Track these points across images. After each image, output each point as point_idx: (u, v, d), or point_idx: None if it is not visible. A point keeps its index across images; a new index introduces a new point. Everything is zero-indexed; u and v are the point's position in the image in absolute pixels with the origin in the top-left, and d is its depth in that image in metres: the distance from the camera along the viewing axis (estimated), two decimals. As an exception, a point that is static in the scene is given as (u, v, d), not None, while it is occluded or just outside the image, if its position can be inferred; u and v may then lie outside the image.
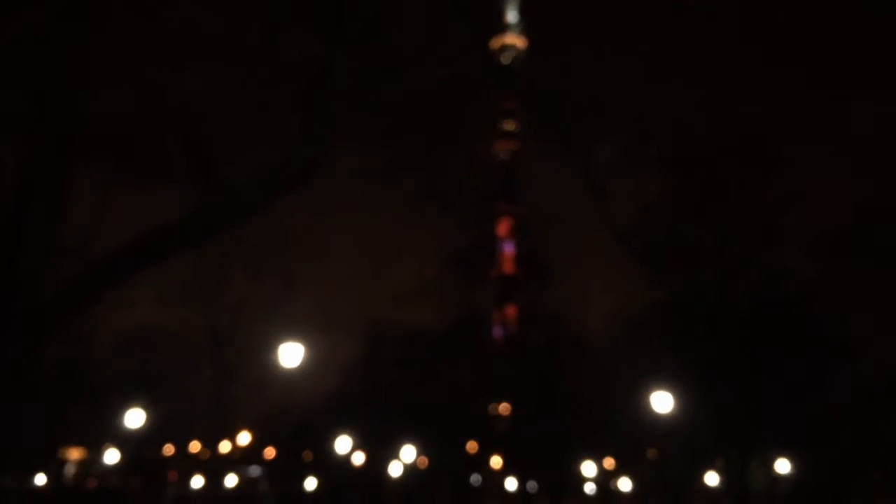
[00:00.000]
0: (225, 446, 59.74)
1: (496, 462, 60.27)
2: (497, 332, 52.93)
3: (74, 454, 58.96)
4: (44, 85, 10.55)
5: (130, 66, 13.39)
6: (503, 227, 54.54)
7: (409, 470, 58.56)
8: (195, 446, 63.58)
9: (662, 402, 38.94)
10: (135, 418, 42.45)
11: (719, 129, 41.62)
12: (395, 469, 58.38)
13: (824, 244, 40.86)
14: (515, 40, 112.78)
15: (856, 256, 40.12)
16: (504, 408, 52.43)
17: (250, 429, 59.47)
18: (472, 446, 56.28)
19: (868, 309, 40.99)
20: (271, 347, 40.46)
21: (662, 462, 48.54)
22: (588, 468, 58.54)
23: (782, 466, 46.68)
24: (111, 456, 51.74)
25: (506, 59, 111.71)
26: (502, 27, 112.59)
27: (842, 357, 41.89)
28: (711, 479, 55.37)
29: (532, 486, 58.25)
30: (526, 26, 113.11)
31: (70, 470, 58.53)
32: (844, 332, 42.21)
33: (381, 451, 56.83)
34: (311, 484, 66.28)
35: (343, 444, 52.25)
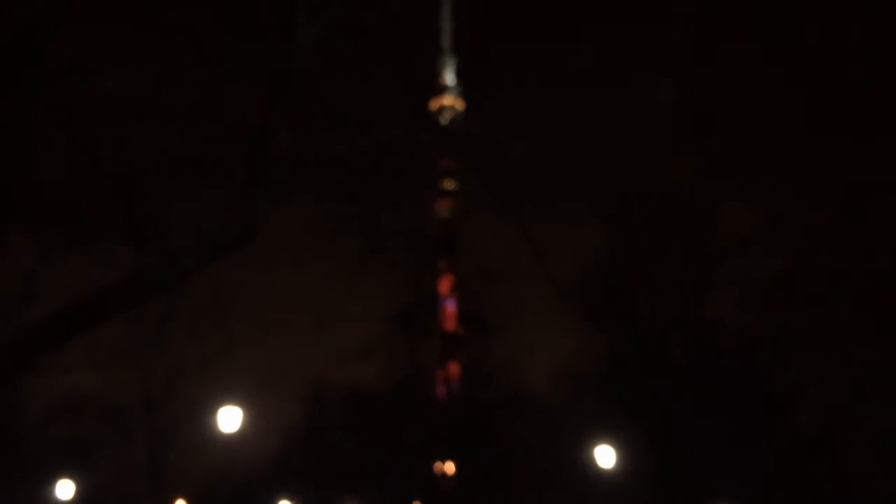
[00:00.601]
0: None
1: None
2: (441, 390, 52.68)
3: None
4: None
5: (65, 130, 12.89)
6: (445, 285, 54.78)
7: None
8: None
9: (605, 456, 39.26)
10: (65, 490, 40.98)
11: (656, 187, 43.15)
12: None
13: (758, 294, 42.15)
14: (453, 101, 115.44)
15: (789, 305, 41.45)
16: (449, 467, 51.96)
17: (187, 498, 57.55)
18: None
19: (803, 357, 42.26)
20: (209, 411, 39.62)
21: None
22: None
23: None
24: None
25: (444, 120, 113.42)
26: (440, 89, 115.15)
27: (780, 405, 42.85)
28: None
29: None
30: (463, 88, 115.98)
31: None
32: (780, 381, 43.31)
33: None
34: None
35: (285, 510, 50.96)
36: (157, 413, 48.44)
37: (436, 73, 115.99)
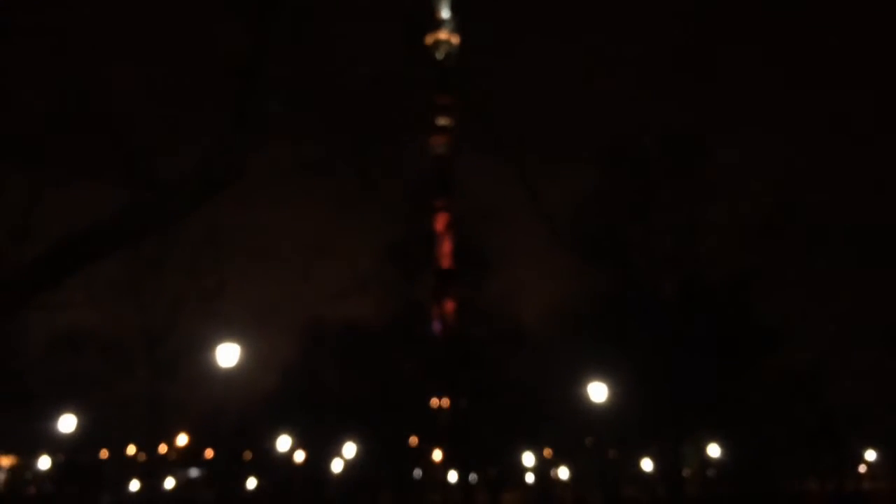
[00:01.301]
0: (162, 449, 58.90)
1: (437, 456, 60.79)
2: (436, 326, 53.22)
3: (5, 461, 57.51)
4: None
5: (55, 65, 13.10)
6: (440, 222, 54.85)
7: (351, 466, 58.62)
8: (131, 450, 62.54)
9: (598, 391, 39.97)
10: (68, 423, 41.69)
11: (649, 126, 42.94)
12: (336, 466, 58.33)
13: (750, 233, 42.37)
14: (449, 36, 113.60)
15: (778, 245, 41.71)
16: (444, 402, 52.85)
17: (188, 430, 58.78)
18: (413, 441, 56.62)
19: (793, 296, 42.68)
20: (208, 347, 40.12)
21: (599, 450, 49.64)
22: (527, 458, 59.51)
23: (713, 450, 48.25)
24: (44, 462, 50.66)
25: (440, 55, 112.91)
26: (436, 23, 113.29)
27: (769, 343, 43.36)
28: (647, 465, 56.91)
29: (473, 477, 58.90)
30: (459, 23, 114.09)
31: (1, 477, 57.04)
32: (772, 319, 43.75)
33: (321, 449, 56.73)
34: (251, 484, 65.77)
35: (283, 443, 52.03)
36: (156, 348, 48.94)
37: (431, 7, 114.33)
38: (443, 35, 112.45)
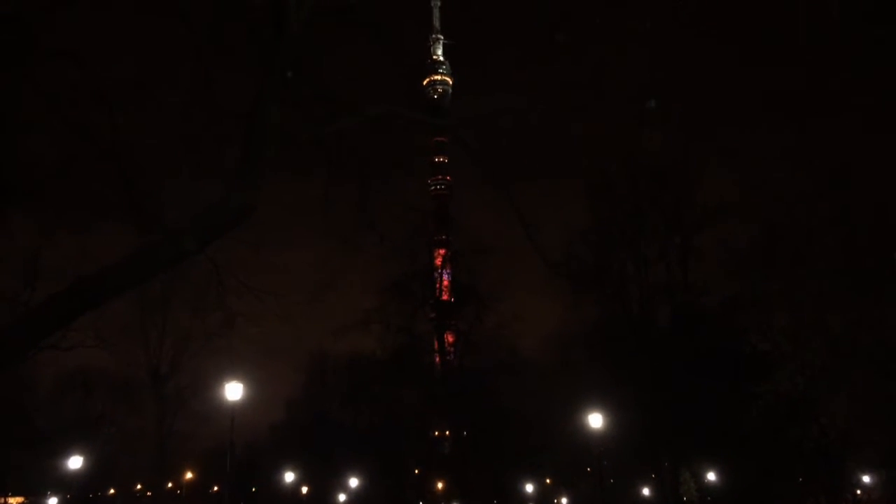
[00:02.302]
0: (169, 485, 59.30)
1: (439, 486, 61.10)
2: (437, 358, 54.06)
3: (13, 502, 57.86)
4: None
5: (64, 110, 13.34)
6: (439, 257, 55.92)
7: (354, 498, 58.92)
8: (139, 487, 62.98)
9: (596, 419, 40.72)
10: (75, 462, 42.25)
11: (637, 158, 44.13)
12: (340, 498, 58.60)
13: (739, 261, 43.21)
14: (444, 77, 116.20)
15: (767, 272, 42.47)
16: (446, 433, 53.46)
17: (194, 466, 59.30)
18: (415, 472, 57.06)
19: (782, 320, 43.33)
20: (214, 384, 41.00)
21: (599, 477, 50.08)
22: (528, 487, 59.84)
23: (711, 476, 48.64)
24: (52, 503, 51.04)
25: (436, 95, 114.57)
26: (432, 65, 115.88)
27: (763, 368, 43.92)
28: (646, 491, 57.18)
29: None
30: (453, 65, 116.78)
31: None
32: (764, 344, 44.36)
33: (326, 482, 57.11)
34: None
35: (288, 476, 52.52)
36: (163, 385, 49.74)
37: (426, 50, 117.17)
38: (438, 76, 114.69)
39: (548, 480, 63.01)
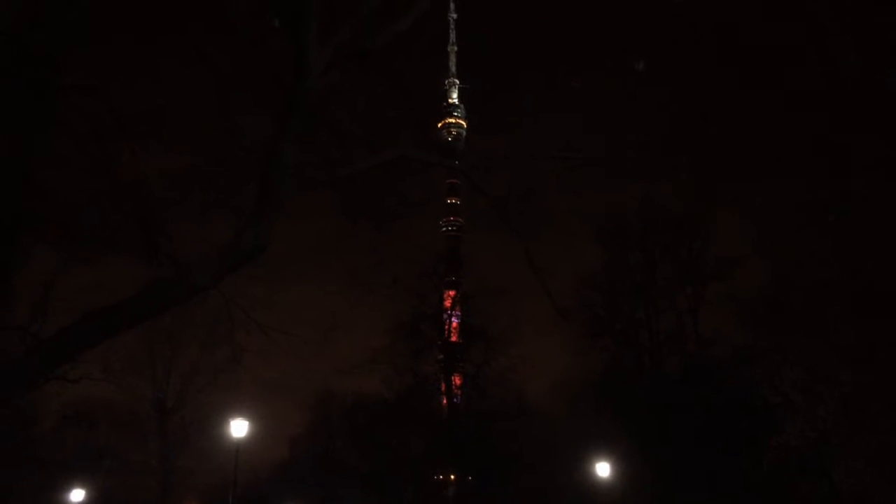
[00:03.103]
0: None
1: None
2: (444, 400, 53.75)
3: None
4: None
5: (82, 144, 13.54)
6: (448, 298, 55.97)
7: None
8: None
9: (604, 468, 40.28)
10: (78, 495, 42.00)
11: (649, 206, 44.27)
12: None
13: (749, 312, 42.99)
14: (459, 120, 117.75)
15: (779, 324, 42.19)
16: (451, 476, 52.88)
17: (196, 502, 58.59)
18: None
19: (794, 373, 42.91)
20: (219, 419, 40.83)
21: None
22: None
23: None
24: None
25: (450, 138, 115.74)
26: (448, 108, 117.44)
27: (772, 421, 43.40)
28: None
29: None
30: (468, 108, 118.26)
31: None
32: (774, 396, 43.90)
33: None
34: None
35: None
36: (168, 419, 49.53)
37: (441, 94, 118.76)
38: (452, 119, 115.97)
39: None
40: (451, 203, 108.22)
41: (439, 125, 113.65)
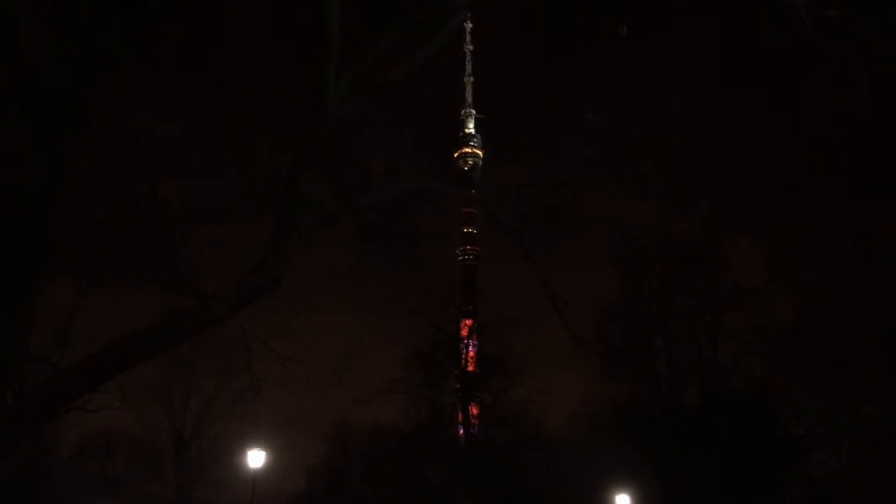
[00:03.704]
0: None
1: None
2: (461, 430, 53.41)
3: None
4: (17, 195, 10.81)
5: (104, 175, 13.77)
6: (465, 328, 55.87)
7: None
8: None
9: (624, 501, 39.79)
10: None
11: (667, 235, 44.17)
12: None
13: (770, 342, 42.61)
14: (475, 150, 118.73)
15: (800, 354, 41.80)
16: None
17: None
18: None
19: (816, 404, 42.46)
20: (236, 449, 40.77)
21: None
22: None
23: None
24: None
25: (466, 167, 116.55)
26: (464, 138, 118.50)
27: (795, 452, 42.86)
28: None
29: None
30: (484, 139, 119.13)
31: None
32: (798, 427, 43.37)
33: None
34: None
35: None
36: (185, 450, 49.50)
37: (458, 126, 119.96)
38: (469, 149, 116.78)
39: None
40: (468, 232, 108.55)
41: (455, 155, 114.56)
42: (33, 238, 10.66)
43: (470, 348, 54.12)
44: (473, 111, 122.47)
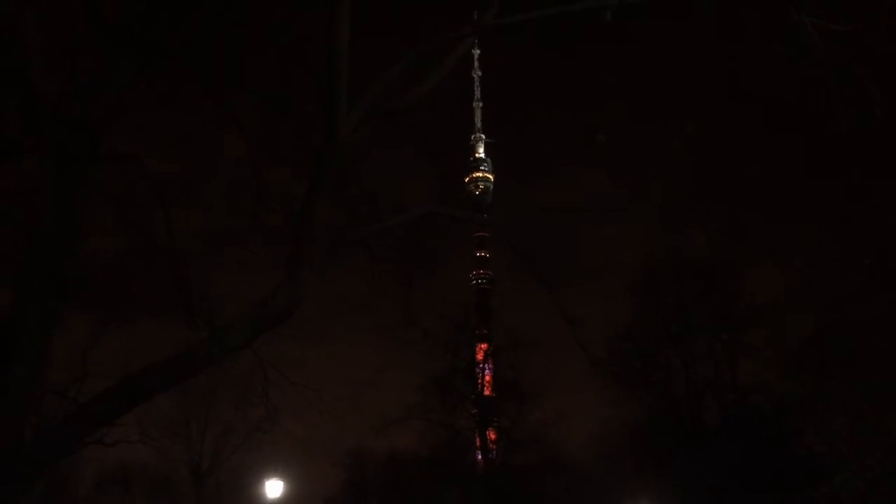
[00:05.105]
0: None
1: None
2: (479, 455, 53.11)
3: None
4: (35, 229, 10.86)
5: (116, 208, 13.93)
6: (481, 352, 55.75)
7: None
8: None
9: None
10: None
11: (680, 251, 44.00)
12: None
13: (789, 359, 42.19)
14: (486, 174, 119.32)
15: (821, 371, 41.31)
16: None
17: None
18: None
19: (838, 421, 41.85)
20: (254, 479, 40.62)
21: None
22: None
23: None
24: None
25: (478, 192, 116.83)
26: (475, 163, 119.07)
27: (817, 471, 42.25)
28: None
29: None
30: (494, 163, 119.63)
31: None
32: (819, 445, 42.78)
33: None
34: None
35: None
36: (203, 483, 49.34)
37: (468, 150, 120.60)
38: (480, 173, 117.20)
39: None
40: (480, 256, 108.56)
41: (466, 179, 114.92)
42: (48, 273, 10.70)
43: (486, 372, 53.97)
44: (483, 136, 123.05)
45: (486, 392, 53.20)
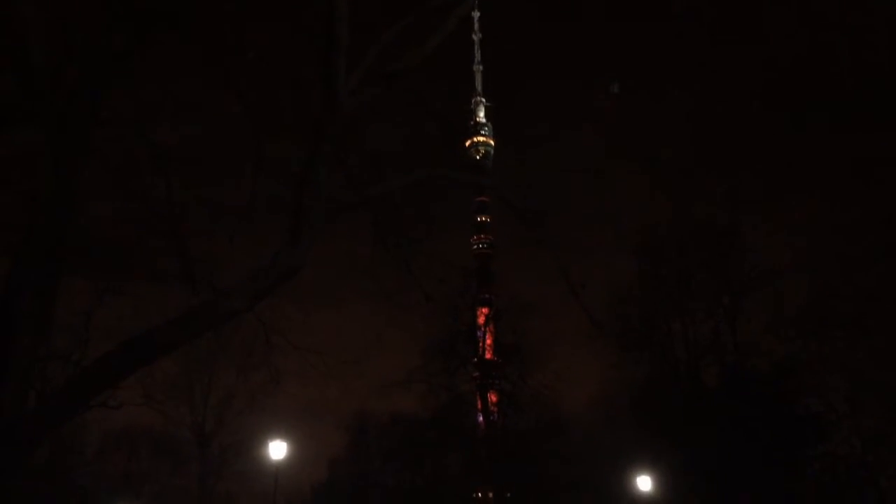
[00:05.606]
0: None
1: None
2: (480, 418, 53.57)
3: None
4: (35, 195, 10.88)
5: (119, 175, 14.13)
6: (482, 316, 55.90)
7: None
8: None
9: (645, 482, 39.83)
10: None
11: (684, 215, 43.94)
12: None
13: (789, 322, 42.39)
14: (486, 139, 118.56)
15: (821, 332, 41.57)
16: (489, 494, 52.61)
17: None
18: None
19: (836, 382, 42.23)
20: (258, 442, 41.04)
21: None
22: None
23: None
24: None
25: (478, 156, 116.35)
26: (475, 127, 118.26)
27: (817, 431, 42.65)
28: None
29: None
30: (494, 126, 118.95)
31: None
32: (818, 406, 43.15)
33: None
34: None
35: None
36: (207, 445, 49.88)
37: (468, 114, 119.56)
38: (480, 137, 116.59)
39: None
40: (481, 221, 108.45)
41: (467, 144, 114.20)
42: (50, 239, 10.72)
43: (487, 336, 54.18)
44: (483, 99, 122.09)
45: (488, 356, 53.45)
